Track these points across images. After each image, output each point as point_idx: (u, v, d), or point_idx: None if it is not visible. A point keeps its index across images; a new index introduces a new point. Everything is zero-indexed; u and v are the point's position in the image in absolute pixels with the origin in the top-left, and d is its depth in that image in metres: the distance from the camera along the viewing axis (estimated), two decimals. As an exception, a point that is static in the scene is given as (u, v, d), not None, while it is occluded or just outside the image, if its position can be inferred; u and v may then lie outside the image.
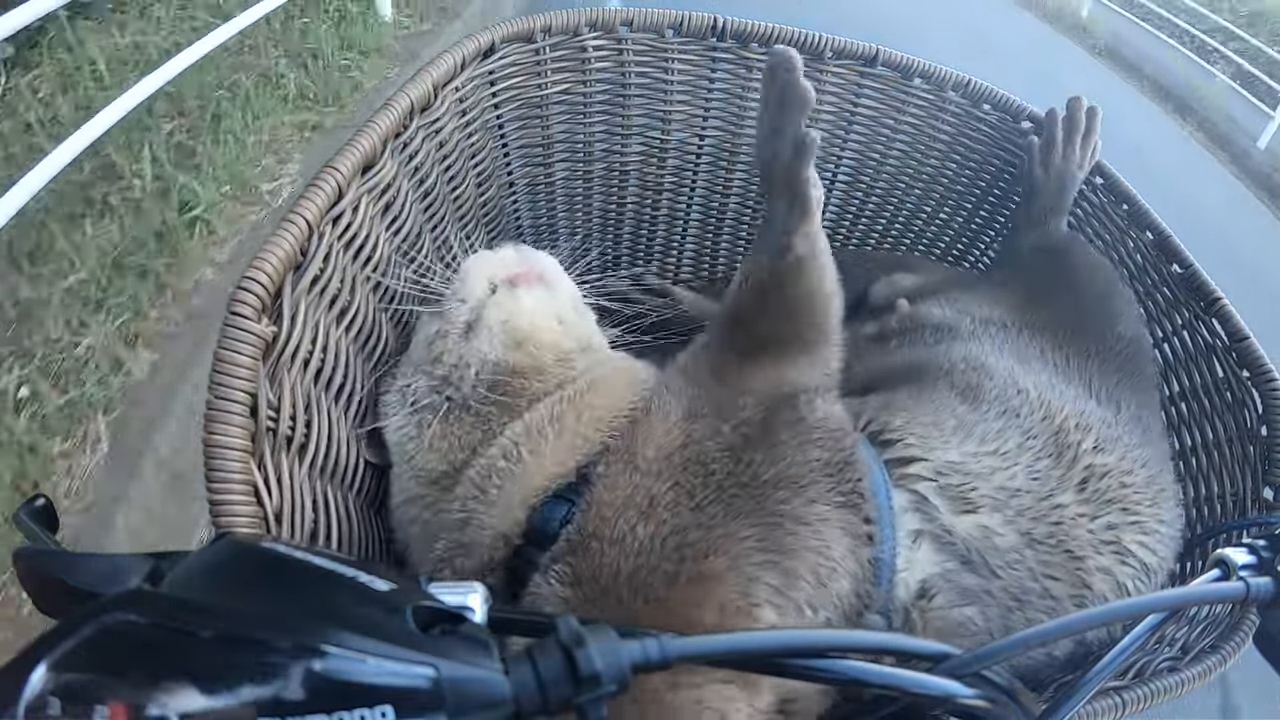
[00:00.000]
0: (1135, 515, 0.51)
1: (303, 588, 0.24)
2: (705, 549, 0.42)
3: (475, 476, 0.48)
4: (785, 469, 0.46)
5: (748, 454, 0.46)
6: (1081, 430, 0.53)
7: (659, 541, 0.42)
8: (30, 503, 0.34)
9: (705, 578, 0.41)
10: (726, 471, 0.45)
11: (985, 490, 0.48)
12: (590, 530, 0.44)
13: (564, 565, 0.44)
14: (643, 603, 0.41)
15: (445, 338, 0.53)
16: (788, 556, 0.42)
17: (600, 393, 0.51)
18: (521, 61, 0.71)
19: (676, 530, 0.43)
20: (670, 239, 0.95)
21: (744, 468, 0.46)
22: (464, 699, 0.22)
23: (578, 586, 0.43)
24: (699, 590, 0.41)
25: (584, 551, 0.43)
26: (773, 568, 0.41)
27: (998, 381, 0.56)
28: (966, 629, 0.46)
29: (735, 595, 0.41)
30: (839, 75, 0.80)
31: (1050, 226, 0.79)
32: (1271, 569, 0.37)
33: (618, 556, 0.42)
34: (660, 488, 0.45)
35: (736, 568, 0.41)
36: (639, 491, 0.45)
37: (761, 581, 0.41)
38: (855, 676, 0.29)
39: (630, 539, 0.43)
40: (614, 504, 0.45)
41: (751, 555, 0.42)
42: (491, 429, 0.50)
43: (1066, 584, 0.48)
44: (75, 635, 0.21)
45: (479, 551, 0.47)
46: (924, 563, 0.46)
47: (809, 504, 0.44)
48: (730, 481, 0.45)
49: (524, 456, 0.47)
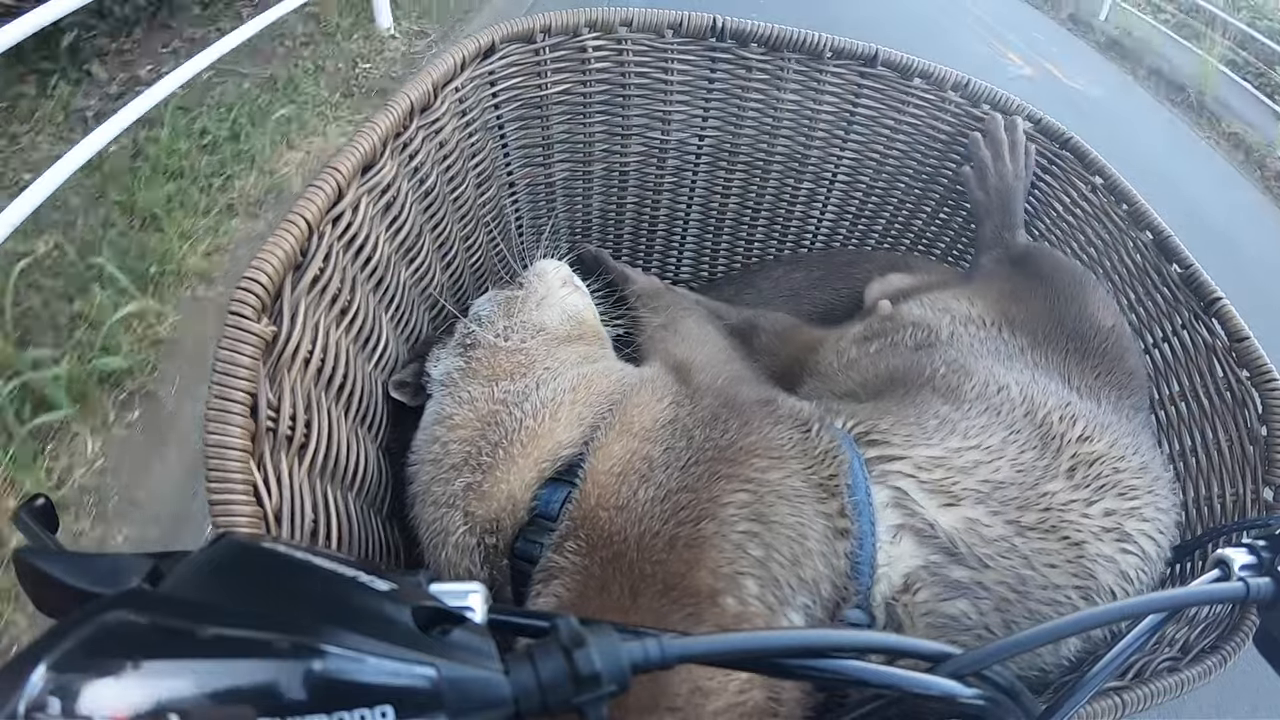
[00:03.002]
0: (1133, 501, 0.51)
1: (303, 587, 0.24)
2: (696, 513, 0.44)
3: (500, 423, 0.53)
4: (760, 440, 0.49)
5: (723, 421, 0.50)
6: (1067, 421, 0.54)
7: (657, 505, 0.45)
8: (30, 502, 0.34)
9: (698, 542, 0.43)
10: (705, 436, 0.49)
11: (968, 484, 0.49)
12: (595, 501, 0.46)
13: (575, 540, 0.45)
14: (648, 565, 0.43)
15: (523, 302, 0.63)
16: (767, 529, 0.44)
17: (610, 378, 0.57)
18: (521, 62, 0.71)
19: (670, 493, 0.45)
20: (670, 239, 0.95)
21: (720, 432, 0.49)
22: (464, 699, 0.22)
23: (592, 555, 0.44)
24: (693, 554, 0.43)
25: (593, 522, 0.46)
26: (754, 539, 0.44)
27: (978, 381, 0.57)
28: (960, 622, 0.46)
29: (724, 560, 0.43)
30: (839, 75, 0.80)
31: (1008, 241, 0.80)
32: (1271, 569, 0.37)
33: (624, 522, 0.45)
34: (655, 451, 0.48)
35: (723, 533, 0.44)
36: (636, 456, 0.48)
37: (744, 549, 0.43)
38: (855, 676, 0.29)
39: (634, 503, 0.45)
40: (613, 472, 0.47)
41: (736, 522, 0.44)
42: (526, 374, 0.57)
43: (1067, 571, 0.47)
44: (75, 635, 0.20)
45: (492, 499, 0.49)
46: (906, 557, 0.46)
47: (786, 478, 0.47)
48: (709, 445, 0.48)
49: (545, 419, 0.52)
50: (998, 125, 0.81)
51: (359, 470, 0.54)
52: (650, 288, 0.81)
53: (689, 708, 0.38)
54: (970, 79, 0.81)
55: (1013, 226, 0.80)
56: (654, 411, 0.52)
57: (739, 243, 0.96)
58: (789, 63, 0.79)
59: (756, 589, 0.43)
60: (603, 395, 0.54)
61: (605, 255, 0.86)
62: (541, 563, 0.46)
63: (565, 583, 0.44)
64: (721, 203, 0.91)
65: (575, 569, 0.45)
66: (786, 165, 0.88)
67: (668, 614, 0.41)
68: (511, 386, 0.55)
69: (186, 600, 0.23)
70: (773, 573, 0.43)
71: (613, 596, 0.42)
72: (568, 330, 0.62)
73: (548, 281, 0.66)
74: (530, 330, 0.61)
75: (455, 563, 0.50)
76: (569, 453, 0.50)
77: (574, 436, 0.51)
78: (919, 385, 0.58)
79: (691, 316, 0.76)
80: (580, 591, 0.43)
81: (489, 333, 0.60)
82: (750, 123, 0.84)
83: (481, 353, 0.58)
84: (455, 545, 0.50)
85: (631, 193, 0.88)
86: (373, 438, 0.58)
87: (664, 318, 0.75)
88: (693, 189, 0.89)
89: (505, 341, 0.59)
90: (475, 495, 0.50)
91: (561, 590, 0.44)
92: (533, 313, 0.63)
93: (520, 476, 0.50)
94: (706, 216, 0.92)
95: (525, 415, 0.52)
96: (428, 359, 0.62)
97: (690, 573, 0.42)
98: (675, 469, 0.47)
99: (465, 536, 0.50)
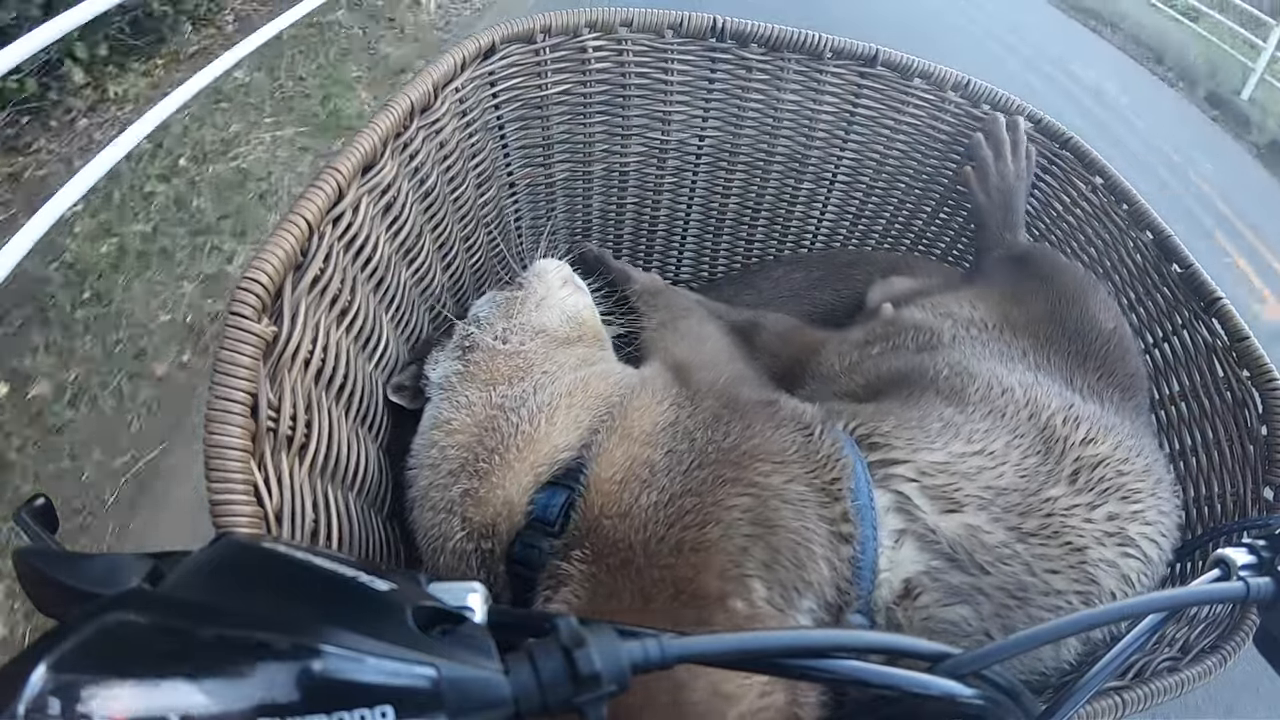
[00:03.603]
0: (1136, 504, 0.51)
1: (303, 588, 0.24)
2: (701, 518, 0.44)
3: (498, 429, 0.52)
4: (763, 443, 0.48)
5: (725, 423, 0.50)
6: (1070, 424, 0.53)
7: (661, 510, 0.45)
8: (30, 503, 0.34)
9: (704, 546, 0.43)
10: (708, 439, 0.49)
11: (970, 490, 0.48)
12: (599, 509, 0.46)
13: (581, 549, 0.45)
14: (656, 570, 0.43)
15: (522, 304, 0.63)
16: (771, 532, 0.44)
17: (608, 381, 0.57)
18: (522, 62, 0.71)
19: (674, 497, 0.45)
20: (670, 239, 0.95)
21: (722, 434, 0.49)
22: (464, 699, 0.21)
23: (599, 562, 0.44)
24: (700, 558, 0.43)
25: (598, 530, 0.45)
26: (759, 541, 0.44)
27: (981, 384, 0.56)
28: (960, 628, 0.45)
29: (730, 564, 0.43)
30: (839, 75, 0.80)
31: (1009, 242, 0.80)
32: (1271, 569, 0.37)
33: (629, 529, 0.45)
34: (657, 455, 0.48)
35: (729, 536, 0.44)
36: (637, 462, 0.48)
37: (750, 553, 0.43)
38: (855, 676, 0.29)
39: (637, 510, 0.45)
40: (615, 479, 0.47)
41: (741, 526, 0.44)
42: (524, 378, 0.56)
43: (1068, 577, 0.47)
44: (75, 635, 0.20)
45: (489, 505, 0.49)
46: (907, 562, 0.46)
47: (789, 482, 0.47)
48: (712, 448, 0.48)
49: (541, 424, 0.52)
50: (998, 125, 0.81)
51: (359, 470, 0.54)
52: (651, 287, 0.81)
53: (710, 714, 0.38)
54: (970, 79, 0.81)
55: (1013, 227, 0.80)
56: (654, 415, 0.52)
57: (739, 243, 0.96)
58: (789, 63, 0.79)
59: (764, 591, 0.42)
60: (600, 398, 0.54)
61: (607, 254, 0.86)
62: (548, 569, 0.46)
63: (575, 590, 0.44)
64: (722, 203, 0.91)
65: (584, 576, 0.44)
66: (787, 165, 0.88)
67: (682, 616, 0.41)
68: (509, 391, 0.55)
69: (186, 601, 0.23)
70: (779, 576, 0.43)
71: (624, 603, 0.42)
72: (567, 332, 0.62)
73: (547, 282, 0.66)
74: (529, 332, 0.61)
75: (453, 568, 0.50)
76: (566, 456, 0.50)
77: (571, 440, 0.51)
78: (922, 388, 0.58)
79: (693, 316, 0.76)
80: (590, 599, 0.43)
81: (487, 335, 0.60)
82: (750, 123, 0.84)
83: (479, 356, 0.58)
84: (453, 551, 0.50)
85: (632, 193, 0.88)
86: (373, 438, 0.58)
87: (664, 316, 0.75)
88: (693, 189, 0.89)
89: (504, 344, 0.59)
90: (472, 501, 0.50)
91: (571, 598, 0.44)
92: (532, 314, 0.63)
93: (517, 482, 0.49)
94: (707, 217, 0.92)
95: (522, 421, 0.52)
96: (426, 361, 0.62)
97: (698, 576, 0.42)
98: (678, 473, 0.47)
99: (463, 542, 0.49)
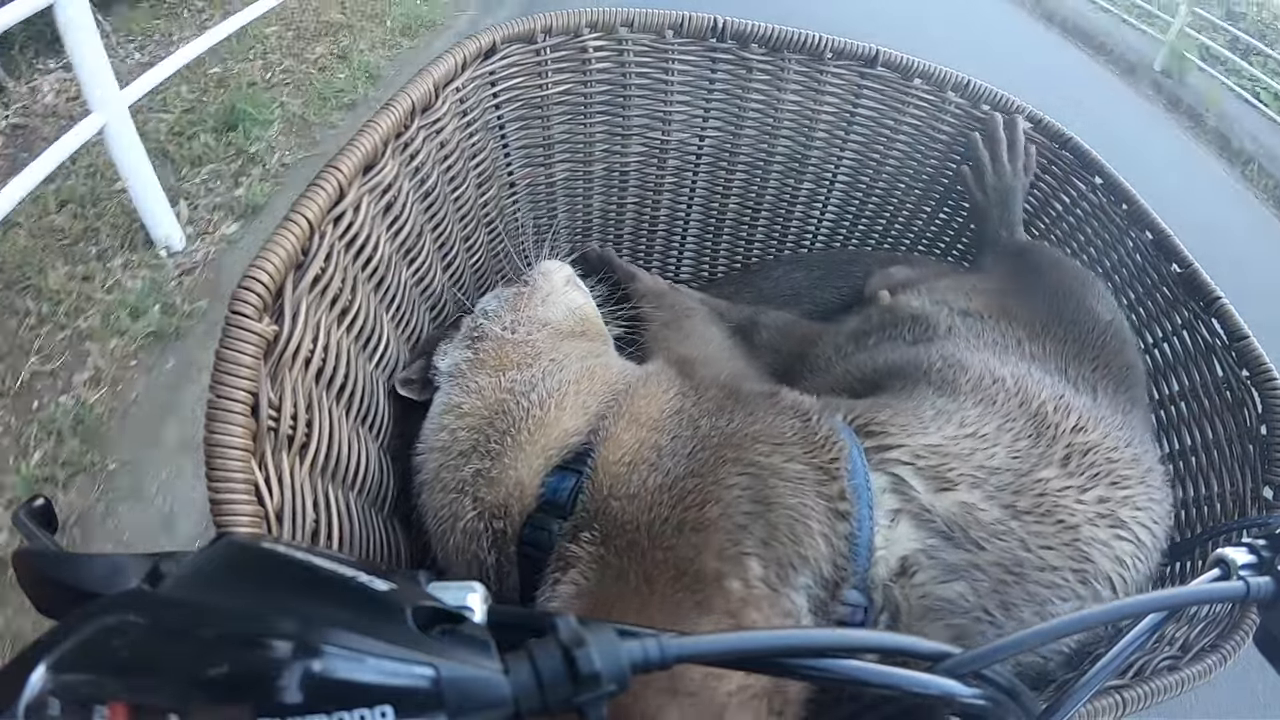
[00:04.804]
0: (1126, 489, 0.52)
1: (303, 588, 0.24)
2: (702, 497, 0.45)
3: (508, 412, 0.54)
4: (764, 428, 0.50)
5: (728, 411, 0.52)
6: (1061, 412, 0.54)
7: (665, 492, 0.46)
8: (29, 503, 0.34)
9: (703, 525, 0.44)
10: (712, 425, 0.50)
11: (964, 469, 0.49)
12: (607, 491, 0.48)
13: (590, 530, 0.47)
14: (660, 551, 0.44)
15: (529, 299, 0.64)
16: (769, 509, 0.45)
17: (613, 370, 0.59)
18: (522, 62, 0.71)
19: (677, 479, 0.47)
20: (670, 239, 0.95)
21: (726, 421, 0.51)
22: (464, 699, 0.22)
23: (607, 544, 0.46)
24: (699, 537, 0.44)
25: (606, 511, 0.47)
26: (758, 518, 0.45)
27: (973, 375, 0.57)
28: (957, 605, 0.46)
29: (728, 543, 0.44)
30: (839, 76, 0.80)
31: (1006, 239, 0.81)
32: (1271, 569, 0.37)
33: (636, 510, 0.46)
34: (663, 440, 0.50)
35: (728, 514, 0.45)
36: (645, 445, 0.49)
37: (749, 530, 0.44)
38: (855, 676, 0.29)
39: (644, 491, 0.47)
40: (624, 461, 0.49)
41: (740, 504, 0.45)
42: (533, 365, 0.58)
43: (1063, 554, 0.48)
44: (75, 635, 0.20)
45: (500, 485, 0.50)
46: (903, 540, 0.47)
47: (787, 461, 0.48)
48: (715, 433, 0.50)
49: (550, 409, 0.53)
50: (997, 125, 0.81)
51: (360, 470, 0.54)
52: (655, 287, 0.81)
53: (704, 690, 0.39)
54: (970, 79, 0.81)
55: (1011, 225, 0.81)
56: (661, 402, 0.53)
57: (739, 243, 0.96)
58: (789, 63, 0.79)
59: (760, 570, 0.43)
60: (607, 386, 0.56)
61: (611, 254, 0.87)
62: (556, 551, 0.47)
63: (583, 570, 0.45)
64: (722, 203, 0.91)
65: (591, 558, 0.46)
66: (787, 165, 0.88)
67: (681, 600, 0.42)
68: (519, 376, 0.56)
69: (186, 601, 0.23)
70: (775, 553, 0.44)
71: (630, 584, 0.43)
72: (572, 326, 0.64)
73: (552, 280, 0.67)
74: (536, 324, 0.62)
75: (463, 548, 0.51)
76: (575, 441, 0.52)
77: (580, 425, 0.52)
78: (915, 380, 0.59)
79: (695, 315, 0.77)
80: (598, 580, 0.44)
81: (496, 325, 0.61)
82: (751, 123, 0.84)
83: (489, 344, 0.60)
84: (463, 530, 0.51)
85: (632, 193, 0.88)
86: (373, 437, 0.58)
87: (669, 315, 0.76)
88: (693, 189, 0.89)
89: (512, 334, 0.61)
90: (484, 481, 0.51)
91: (579, 578, 0.45)
92: (538, 308, 0.64)
93: (528, 464, 0.51)
94: (707, 217, 0.92)
95: (533, 404, 0.53)
96: (434, 354, 0.62)
97: (698, 557, 0.43)
98: (682, 456, 0.48)
99: (474, 522, 0.50)
